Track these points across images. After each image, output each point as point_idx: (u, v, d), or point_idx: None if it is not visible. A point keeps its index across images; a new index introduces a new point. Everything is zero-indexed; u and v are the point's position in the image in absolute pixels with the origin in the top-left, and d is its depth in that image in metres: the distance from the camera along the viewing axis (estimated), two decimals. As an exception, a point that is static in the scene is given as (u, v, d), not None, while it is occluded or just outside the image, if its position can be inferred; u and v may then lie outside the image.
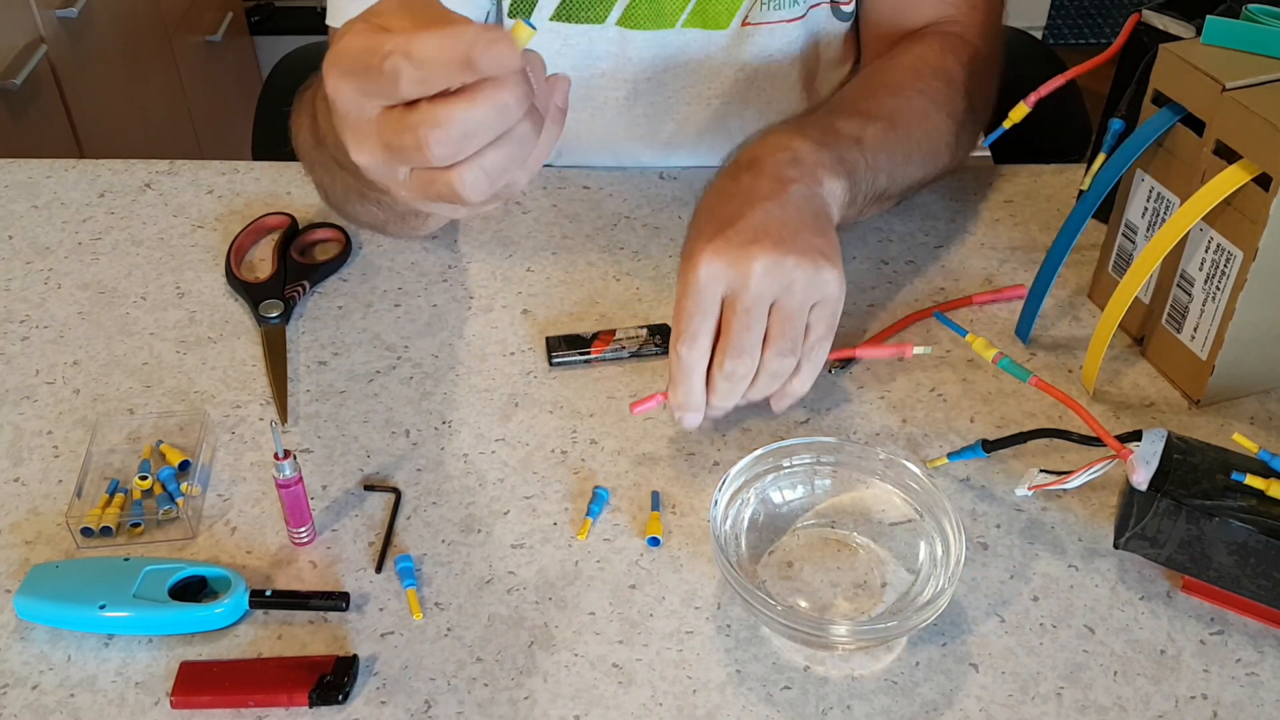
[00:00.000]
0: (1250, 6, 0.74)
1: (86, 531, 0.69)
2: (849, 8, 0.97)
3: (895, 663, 0.64)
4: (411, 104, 0.51)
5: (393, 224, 0.84)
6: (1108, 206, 0.82)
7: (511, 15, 0.93)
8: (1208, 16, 0.73)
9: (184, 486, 0.71)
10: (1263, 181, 0.69)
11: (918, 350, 0.76)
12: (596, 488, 0.73)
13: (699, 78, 0.97)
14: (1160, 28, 0.79)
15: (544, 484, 0.73)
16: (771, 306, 0.69)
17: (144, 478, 0.72)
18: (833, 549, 0.69)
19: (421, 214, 0.81)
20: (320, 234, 0.92)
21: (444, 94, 0.51)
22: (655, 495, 0.72)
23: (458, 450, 0.76)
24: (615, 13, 0.92)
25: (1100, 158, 0.78)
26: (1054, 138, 1.13)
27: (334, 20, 0.90)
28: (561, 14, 0.93)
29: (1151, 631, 0.66)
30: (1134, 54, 0.81)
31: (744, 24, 0.94)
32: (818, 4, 0.96)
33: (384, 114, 0.52)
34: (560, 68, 0.95)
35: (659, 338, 0.82)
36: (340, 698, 0.62)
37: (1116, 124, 0.79)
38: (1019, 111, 0.82)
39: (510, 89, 0.50)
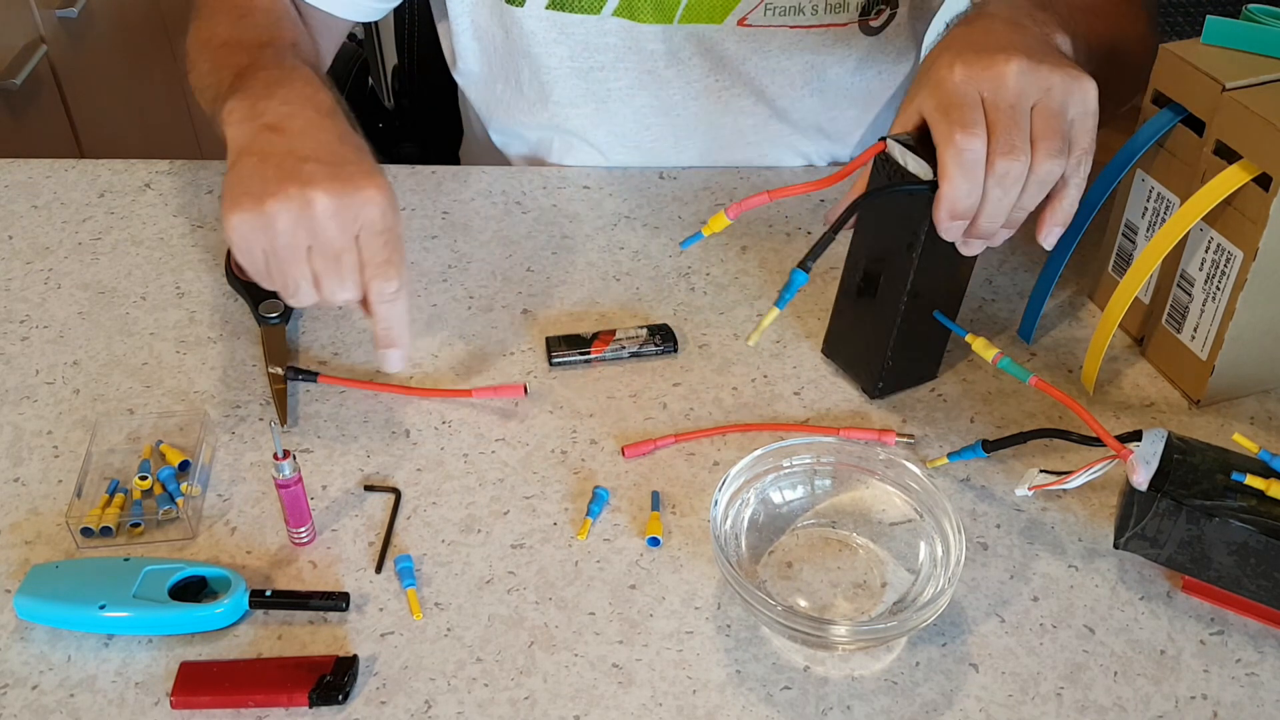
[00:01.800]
0: (1250, 6, 0.74)
1: (86, 531, 0.69)
2: (877, 23, 0.96)
3: (895, 663, 0.64)
4: None
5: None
6: (1109, 207, 0.82)
7: (508, 0, 0.93)
8: (1208, 17, 0.73)
9: (184, 486, 0.71)
10: (1263, 181, 0.69)
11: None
12: (596, 488, 0.73)
13: (703, 70, 0.97)
14: (900, 162, 0.69)
15: (544, 484, 0.73)
16: (1032, 109, 0.65)
17: (144, 478, 0.72)
18: (833, 549, 0.69)
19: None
20: (320, 234, 0.92)
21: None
22: (655, 495, 0.72)
23: (458, 450, 0.75)
24: (611, 3, 0.92)
25: (772, 312, 0.67)
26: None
27: None
28: (556, 2, 0.93)
29: (1151, 632, 0.66)
30: (875, 181, 0.73)
31: (740, 23, 0.94)
32: (838, 24, 0.95)
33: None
34: (558, 57, 0.95)
35: (659, 338, 0.82)
36: (340, 698, 0.62)
37: (799, 276, 0.66)
38: (718, 222, 0.71)
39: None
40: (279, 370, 0.79)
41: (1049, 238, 0.70)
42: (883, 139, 0.70)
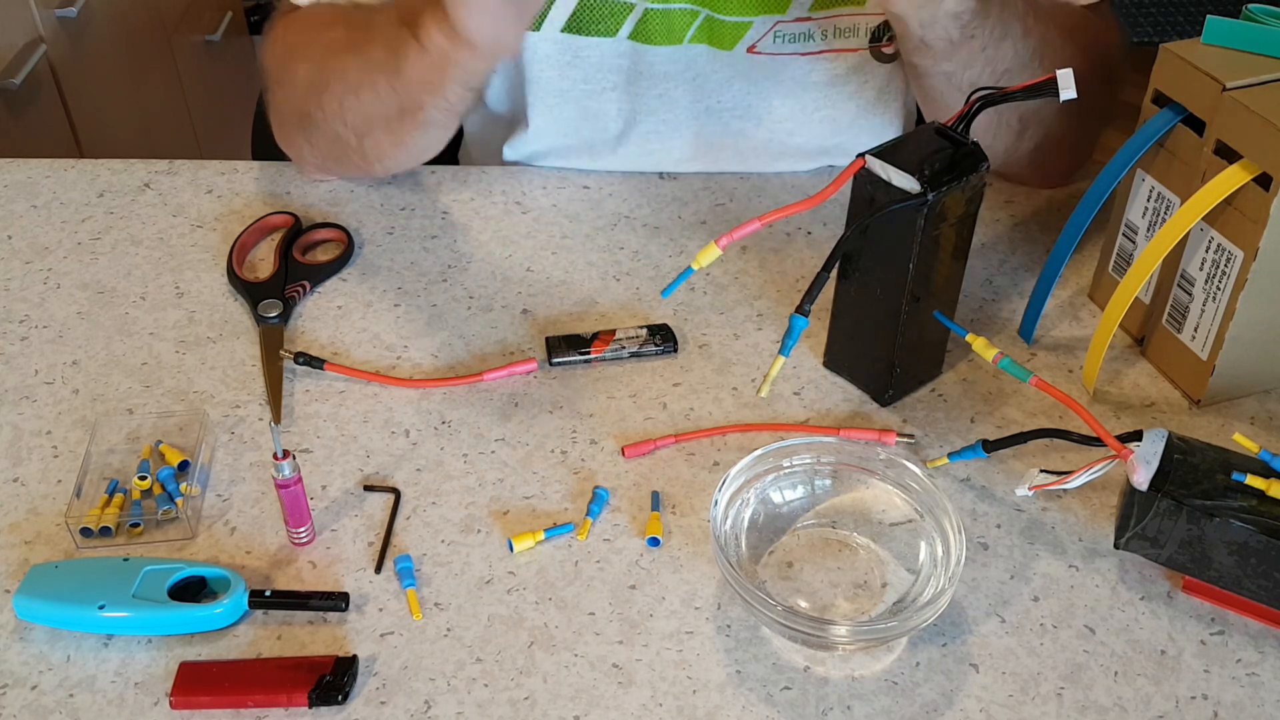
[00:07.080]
0: (1250, 6, 0.74)
1: (86, 531, 0.69)
2: (890, 50, 0.94)
3: (895, 663, 0.64)
4: None
5: (394, 124, 0.85)
6: (1109, 207, 0.82)
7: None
8: (1208, 16, 0.73)
9: (183, 486, 0.71)
10: (1263, 181, 0.69)
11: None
12: (596, 488, 0.73)
13: (707, 91, 0.95)
14: (883, 177, 0.69)
15: (544, 484, 0.73)
16: None
17: (143, 478, 0.72)
18: (833, 549, 0.69)
19: (420, 109, 0.82)
20: (323, 234, 0.92)
21: None
22: (655, 495, 0.72)
23: (457, 450, 0.75)
24: (627, 27, 0.91)
25: (779, 360, 0.68)
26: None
27: None
28: (572, 26, 0.92)
29: (1152, 632, 0.66)
30: (858, 199, 0.72)
31: (750, 50, 0.93)
32: (848, 50, 0.93)
33: None
34: (571, 79, 0.94)
35: (659, 338, 0.82)
36: (340, 698, 0.62)
37: (799, 322, 0.68)
38: (708, 254, 0.69)
39: None
40: (289, 352, 0.79)
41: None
42: (861, 155, 0.70)
